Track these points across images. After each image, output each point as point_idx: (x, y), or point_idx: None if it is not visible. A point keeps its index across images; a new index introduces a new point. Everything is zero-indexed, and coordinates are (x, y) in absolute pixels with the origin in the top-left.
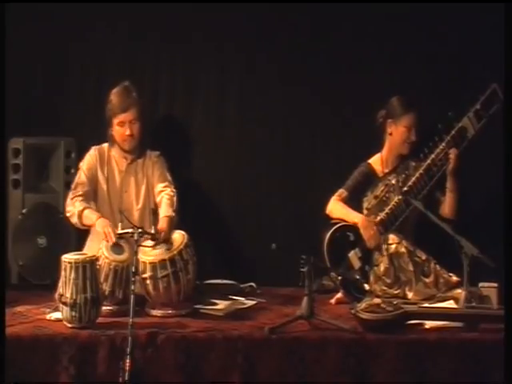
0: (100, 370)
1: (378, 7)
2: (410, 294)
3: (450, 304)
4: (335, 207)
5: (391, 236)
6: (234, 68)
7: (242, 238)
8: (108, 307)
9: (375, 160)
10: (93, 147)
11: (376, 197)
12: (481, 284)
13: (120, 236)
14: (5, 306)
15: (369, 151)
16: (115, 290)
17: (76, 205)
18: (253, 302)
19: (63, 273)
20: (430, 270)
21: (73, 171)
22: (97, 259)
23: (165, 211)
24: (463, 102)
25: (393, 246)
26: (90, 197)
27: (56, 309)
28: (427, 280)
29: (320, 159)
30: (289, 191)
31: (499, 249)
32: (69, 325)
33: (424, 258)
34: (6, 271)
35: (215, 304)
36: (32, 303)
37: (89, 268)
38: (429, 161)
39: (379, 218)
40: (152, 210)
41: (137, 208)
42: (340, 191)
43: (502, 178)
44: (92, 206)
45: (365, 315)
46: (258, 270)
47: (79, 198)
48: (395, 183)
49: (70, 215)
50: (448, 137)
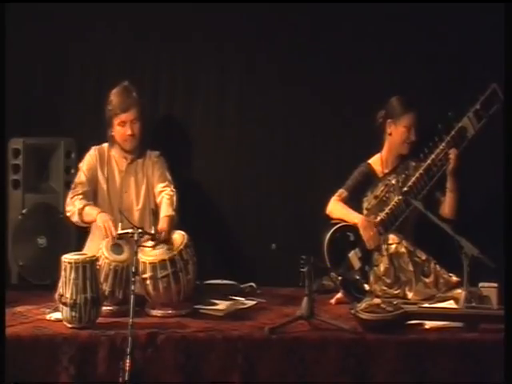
0: (100, 370)
1: (378, 7)
2: (410, 294)
3: (450, 304)
4: (335, 207)
5: (391, 236)
6: (234, 68)
7: (242, 238)
8: (108, 307)
9: (375, 160)
10: (93, 147)
11: (376, 197)
12: (481, 284)
13: (120, 236)
14: (5, 306)
15: (369, 151)
16: (115, 291)
17: (76, 204)
18: (253, 302)
19: (63, 273)
20: (430, 270)
21: (73, 171)
22: (97, 259)
23: (165, 211)
24: (463, 102)
25: (393, 246)
26: (90, 197)
27: (56, 309)
28: (427, 280)
29: (320, 159)
30: (289, 191)
31: (499, 249)
32: (69, 325)
33: (424, 258)
34: (6, 271)
35: (215, 304)
36: (32, 303)
37: (89, 268)
38: (429, 161)
39: (379, 218)
40: (152, 210)
41: (137, 208)
42: (340, 191)
43: (502, 178)
44: (92, 204)
45: (365, 315)
46: (258, 270)
47: (79, 197)
48: (395, 183)
49: (71, 214)
50: (448, 137)
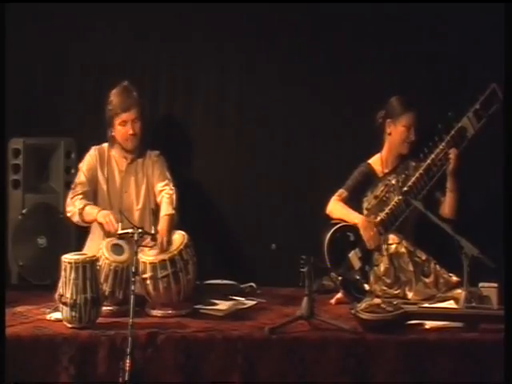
0: (100, 370)
1: (378, 7)
2: (410, 294)
3: (450, 304)
4: (335, 207)
5: (391, 236)
6: (234, 68)
7: (242, 238)
8: (108, 307)
9: (375, 160)
10: (93, 147)
11: (376, 197)
12: (481, 284)
13: (120, 236)
14: (5, 306)
15: (369, 151)
16: (115, 291)
17: (76, 204)
18: (253, 302)
19: (63, 273)
20: (430, 270)
21: (73, 171)
22: (97, 259)
23: (165, 209)
24: (463, 102)
25: (393, 246)
26: (90, 197)
27: (56, 309)
28: (427, 280)
29: (320, 159)
30: (289, 191)
31: (499, 249)
32: (69, 325)
33: (424, 258)
34: (6, 271)
35: (215, 304)
36: (32, 303)
37: (89, 268)
38: (429, 161)
39: (379, 218)
40: (152, 210)
41: (137, 208)
42: (340, 191)
43: (502, 178)
44: (92, 203)
45: (365, 315)
46: (258, 270)
47: (79, 197)
48: (395, 183)
49: (71, 214)
50: (448, 137)
